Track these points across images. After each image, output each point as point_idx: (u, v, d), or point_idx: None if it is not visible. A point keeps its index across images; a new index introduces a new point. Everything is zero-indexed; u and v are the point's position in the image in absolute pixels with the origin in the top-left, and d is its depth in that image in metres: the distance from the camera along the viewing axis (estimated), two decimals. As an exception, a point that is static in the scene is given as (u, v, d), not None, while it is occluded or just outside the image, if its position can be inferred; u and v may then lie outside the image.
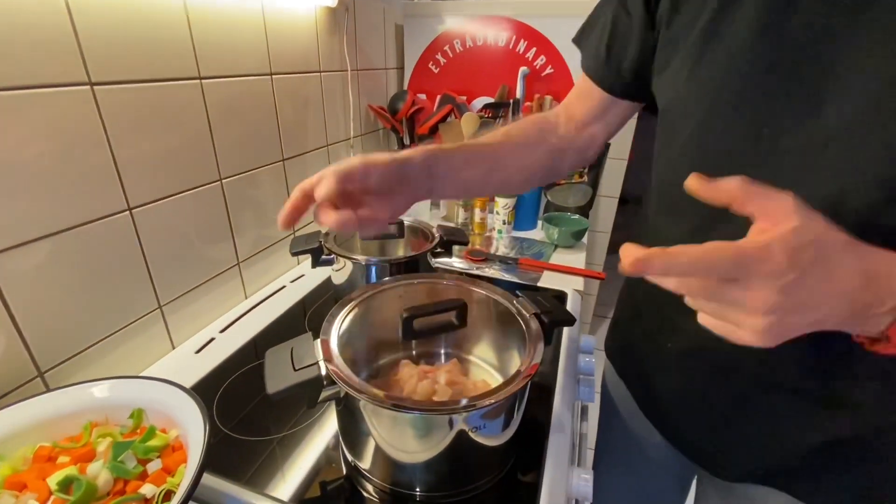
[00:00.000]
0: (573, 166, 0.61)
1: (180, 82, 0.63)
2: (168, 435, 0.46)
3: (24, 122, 0.46)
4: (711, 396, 0.48)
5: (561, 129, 0.58)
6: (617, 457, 0.72)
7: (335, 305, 0.54)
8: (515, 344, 0.57)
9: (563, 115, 0.59)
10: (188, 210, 0.68)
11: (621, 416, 0.68)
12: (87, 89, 0.52)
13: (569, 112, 0.59)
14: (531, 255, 1.06)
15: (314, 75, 0.92)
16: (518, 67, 1.13)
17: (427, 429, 0.45)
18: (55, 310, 0.53)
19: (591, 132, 0.58)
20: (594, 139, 0.59)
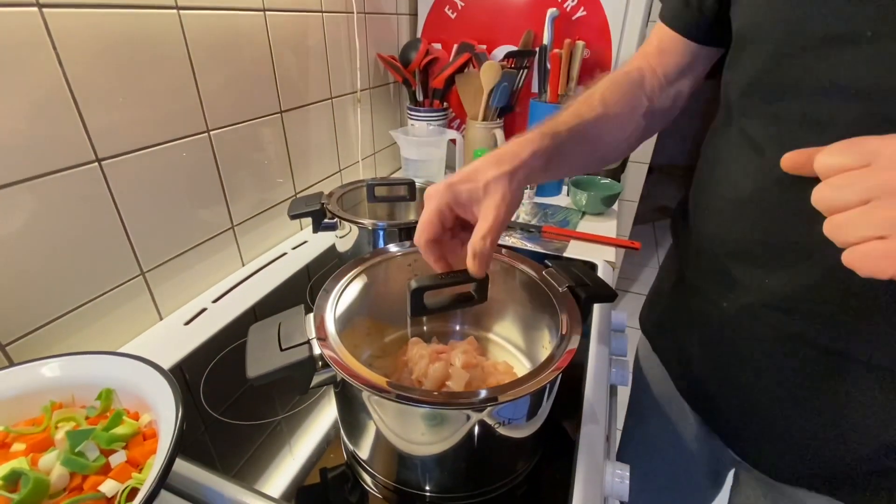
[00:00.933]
0: (661, 128, 0.53)
1: (152, 10, 0.53)
2: (139, 421, 0.40)
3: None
4: (768, 372, 0.41)
5: (648, 87, 0.49)
6: (646, 443, 0.66)
7: (332, 275, 0.46)
8: (544, 321, 0.49)
9: (648, 70, 0.50)
10: (170, 165, 0.60)
11: (654, 397, 0.61)
12: (35, 10, 0.43)
13: (652, 67, 0.50)
14: (556, 222, 0.96)
15: (315, 15, 0.81)
16: (545, 10, 1.00)
17: (439, 422, 0.37)
18: (15, 274, 0.46)
19: (677, 88, 0.50)
20: (680, 95, 0.51)
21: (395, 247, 0.53)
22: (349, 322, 0.45)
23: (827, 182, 0.24)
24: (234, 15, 0.64)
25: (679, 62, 0.49)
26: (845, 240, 0.23)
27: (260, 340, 0.38)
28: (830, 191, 0.24)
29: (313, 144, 0.87)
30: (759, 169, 0.37)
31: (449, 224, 0.38)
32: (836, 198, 0.23)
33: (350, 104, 0.97)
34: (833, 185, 0.24)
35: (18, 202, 0.45)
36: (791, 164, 0.27)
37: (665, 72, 0.50)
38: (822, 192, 0.24)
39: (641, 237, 2.73)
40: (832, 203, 0.24)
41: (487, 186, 0.36)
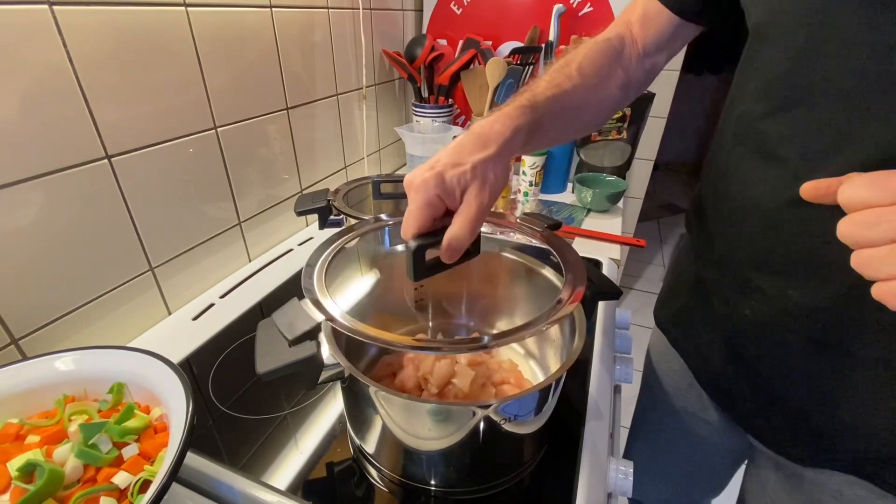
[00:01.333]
0: (633, 99, 0.52)
1: (160, 7, 0.54)
2: (150, 414, 0.40)
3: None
4: (795, 372, 0.41)
5: (625, 59, 0.48)
6: (662, 433, 0.66)
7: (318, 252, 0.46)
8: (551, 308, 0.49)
9: (628, 39, 0.49)
10: (179, 161, 0.60)
11: (667, 390, 0.62)
12: (46, 8, 0.43)
13: (633, 37, 0.49)
14: (561, 219, 0.96)
15: (321, 11, 0.81)
16: (551, 5, 0.99)
17: (446, 418, 0.38)
18: (28, 269, 0.47)
19: (654, 61, 0.50)
20: (654, 69, 0.51)
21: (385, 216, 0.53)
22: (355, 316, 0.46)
23: (853, 219, 0.24)
24: (241, 12, 0.65)
25: (660, 35, 0.48)
26: (874, 275, 0.23)
27: (268, 336, 0.39)
28: (858, 228, 0.24)
29: (319, 141, 0.88)
30: (781, 181, 0.36)
31: (439, 214, 0.35)
32: (864, 235, 0.23)
33: (355, 100, 0.97)
34: (860, 222, 0.24)
35: (30, 199, 0.45)
36: (811, 194, 0.27)
37: (645, 43, 0.49)
38: (848, 228, 0.24)
39: (646, 234, 2.72)
40: (859, 240, 0.24)
41: (475, 170, 0.34)
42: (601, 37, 0.49)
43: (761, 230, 0.39)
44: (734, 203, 0.42)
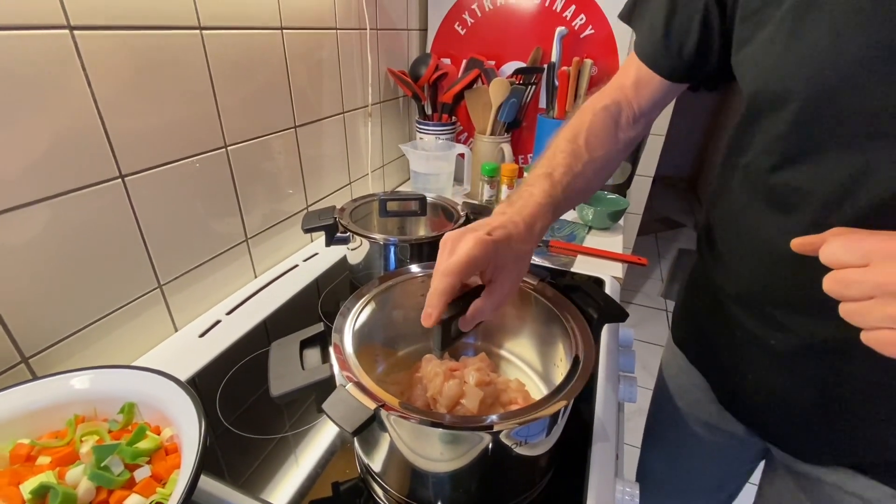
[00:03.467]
0: (630, 146, 0.54)
1: (176, 31, 0.55)
2: (161, 435, 0.40)
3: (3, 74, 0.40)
4: (818, 396, 0.42)
5: (623, 122, 0.51)
6: (679, 449, 0.67)
7: (350, 297, 0.47)
8: (556, 339, 0.50)
9: (624, 104, 0.52)
10: (190, 180, 0.61)
11: (686, 405, 0.63)
12: (66, 33, 0.44)
13: (628, 100, 0.52)
14: (563, 237, 0.97)
15: (329, 32, 0.83)
16: (554, 28, 1.02)
17: (456, 441, 0.38)
18: (40, 288, 0.47)
19: (648, 118, 0.53)
20: (649, 124, 0.54)
21: (415, 267, 0.54)
22: (367, 337, 0.46)
23: (834, 277, 0.28)
24: (253, 34, 0.66)
25: (654, 97, 0.51)
26: (859, 326, 0.27)
27: (282, 358, 0.39)
28: (838, 286, 0.28)
29: (325, 158, 0.89)
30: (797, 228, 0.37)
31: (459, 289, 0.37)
32: (844, 292, 0.28)
33: (361, 118, 0.98)
34: (839, 281, 0.28)
35: (44, 218, 0.46)
36: (799, 250, 0.31)
37: (640, 105, 0.52)
38: (830, 285, 0.28)
39: (644, 248, 2.74)
40: (841, 295, 0.28)
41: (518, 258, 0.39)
42: (598, 105, 0.51)
43: (780, 272, 0.41)
44: (750, 246, 0.44)
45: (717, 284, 0.51)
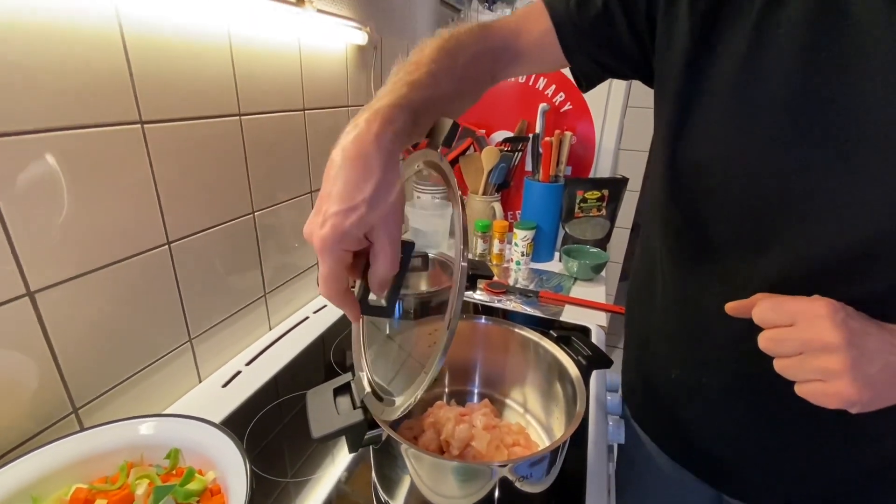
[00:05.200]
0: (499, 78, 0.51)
1: (222, 119, 0.65)
2: (206, 477, 0.45)
3: (73, 160, 0.47)
4: (751, 430, 0.48)
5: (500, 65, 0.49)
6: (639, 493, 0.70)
7: (368, 349, 0.54)
8: (552, 386, 0.57)
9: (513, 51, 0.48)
10: (222, 242, 0.68)
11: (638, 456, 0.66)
12: (139, 128, 0.53)
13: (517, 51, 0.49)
14: (551, 287, 1.06)
15: (342, 110, 0.94)
16: (538, 103, 1.16)
17: (470, 478, 0.44)
18: (93, 345, 0.52)
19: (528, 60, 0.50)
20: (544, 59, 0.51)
21: (425, 319, 0.61)
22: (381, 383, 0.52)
23: (767, 335, 0.34)
24: (282, 116, 0.76)
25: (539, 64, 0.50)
26: (792, 378, 0.33)
27: (318, 404, 0.45)
28: (771, 344, 0.34)
29: (334, 217, 0.97)
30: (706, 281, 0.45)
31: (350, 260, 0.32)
32: (777, 349, 0.33)
33: (366, 180, 1.08)
34: (771, 339, 0.34)
35: (106, 282, 0.52)
36: (734, 311, 0.37)
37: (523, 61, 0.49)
38: (764, 343, 0.34)
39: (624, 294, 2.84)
40: (775, 352, 0.34)
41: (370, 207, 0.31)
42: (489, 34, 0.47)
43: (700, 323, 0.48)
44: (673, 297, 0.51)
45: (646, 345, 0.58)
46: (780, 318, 0.34)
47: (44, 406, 0.49)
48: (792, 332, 0.33)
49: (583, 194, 1.14)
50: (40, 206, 0.45)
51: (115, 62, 0.49)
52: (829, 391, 0.32)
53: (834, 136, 0.35)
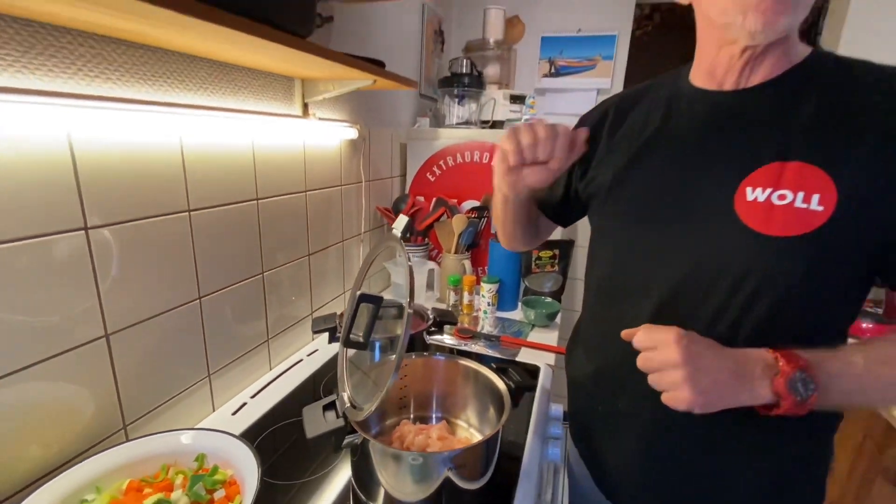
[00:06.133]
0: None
1: (245, 203, 0.86)
2: (226, 473, 0.61)
3: (143, 244, 0.67)
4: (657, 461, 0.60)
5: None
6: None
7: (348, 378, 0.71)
8: (492, 408, 0.74)
9: None
10: (239, 297, 0.87)
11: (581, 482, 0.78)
12: (186, 215, 0.74)
13: None
14: (511, 333, 1.24)
15: (336, 188, 1.17)
16: (499, 179, 1.40)
17: (422, 471, 0.60)
18: (141, 377, 0.69)
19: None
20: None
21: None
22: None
23: (641, 357, 0.49)
24: (289, 197, 0.98)
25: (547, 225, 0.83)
26: (659, 389, 0.48)
27: (311, 415, 0.62)
28: (643, 362, 0.49)
29: (328, 274, 1.17)
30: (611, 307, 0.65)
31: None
32: (646, 366, 0.49)
33: (355, 243, 1.29)
34: (643, 358, 0.49)
35: (155, 329, 0.70)
36: (626, 337, 0.52)
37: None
38: (640, 362, 0.49)
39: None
40: (645, 368, 0.49)
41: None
42: None
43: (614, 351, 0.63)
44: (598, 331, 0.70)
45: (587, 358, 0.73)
46: (648, 343, 0.49)
47: (105, 421, 0.65)
48: (655, 354, 0.48)
49: (538, 253, 1.35)
50: (122, 276, 0.64)
51: (176, 170, 0.71)
52: (676, 397, 0.46)
53: (690, 197, 0.56)
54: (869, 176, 0.47)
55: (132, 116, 0.62)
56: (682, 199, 0.56)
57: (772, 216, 0.50)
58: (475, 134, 1.47)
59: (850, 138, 0.48)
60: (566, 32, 1.80)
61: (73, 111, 0.54)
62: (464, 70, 1.47)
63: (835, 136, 0.49)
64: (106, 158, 0.60)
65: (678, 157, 0.57)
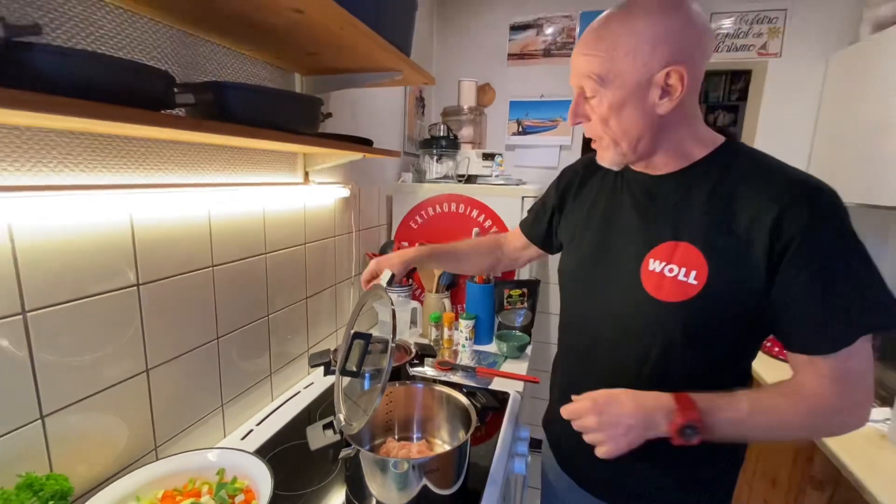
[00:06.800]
0: (508, 269, 1.07)
1: (255, 258, 1.03)
2: (244, 482, 0.74)
3: (178, 294, 0.83)
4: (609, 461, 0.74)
5: (504, 249, 1.05)
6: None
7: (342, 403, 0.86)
8: (461, 427, 0.89)
9: (506, 242, 1.06)
10: (248, 336, 1.02)
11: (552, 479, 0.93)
12: (210, 270, 0.90)
13: (509, 241, 1.05)
14: (486, 364, 1.40)
15: (331, 239, 1.34)
16: (473, 227, 1.60)
17: (404, 478, 0.74)
18: (169, 406, 0.83)
19: (520, 255, 1.04)
20: (520, 258, 1.05)
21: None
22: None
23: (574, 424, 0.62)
24: (293, 250, 1.15)
25: (521, 244, 1.01)
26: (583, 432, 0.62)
27: (314, 433, 0.77)
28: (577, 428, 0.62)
29: (321, 314, 1.32)
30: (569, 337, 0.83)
31: None
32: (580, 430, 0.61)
33: (346, 286, 1.46)
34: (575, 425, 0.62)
35: (181, 368, 0.85)
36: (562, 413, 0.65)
37: (514, 245, 1.02)
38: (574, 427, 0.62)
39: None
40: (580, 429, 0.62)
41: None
42: (496, 238, 1.06)
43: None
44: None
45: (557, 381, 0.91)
46: (573, 416, 0.63)
47: (141, 444, 0.78)
48: (580, 423, 0.62)
49: (509, 292, 1.54)
50: (160, 321, 0.80)
51: (204, 235, 0.88)
52: (600, 451, 0.61)
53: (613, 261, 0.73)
54: (734, 262, 0.60)
55: (175, 196, 0.79)
56: (609, 262, 0.73)
57: (662, 284, 0.64)
58: (453, 188, 1.68)
59: (726, 227, 0.60)
60: (531, 97, 2.07)
61: (135, 196, 0.72)
62: (441, 134, 1.70)
63: (716, 224, 0.61)
64: (156, 229, 0.77)
65: (613, 225, 0.75)
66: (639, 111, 0.62)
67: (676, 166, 0.67)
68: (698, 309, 0.62)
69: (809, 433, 0.66)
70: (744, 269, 0.59)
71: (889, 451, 1.07)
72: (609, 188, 0.78)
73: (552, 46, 2.05)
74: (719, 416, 0.59)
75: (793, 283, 0.57)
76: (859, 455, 1.04)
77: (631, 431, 0.59)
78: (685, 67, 0.59)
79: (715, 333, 0.64)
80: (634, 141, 0.64)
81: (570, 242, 0.83)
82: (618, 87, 0.61)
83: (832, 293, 0.56)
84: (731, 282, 0.60)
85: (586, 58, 0.63)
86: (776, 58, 1.81)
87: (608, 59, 0.61)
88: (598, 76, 0.62)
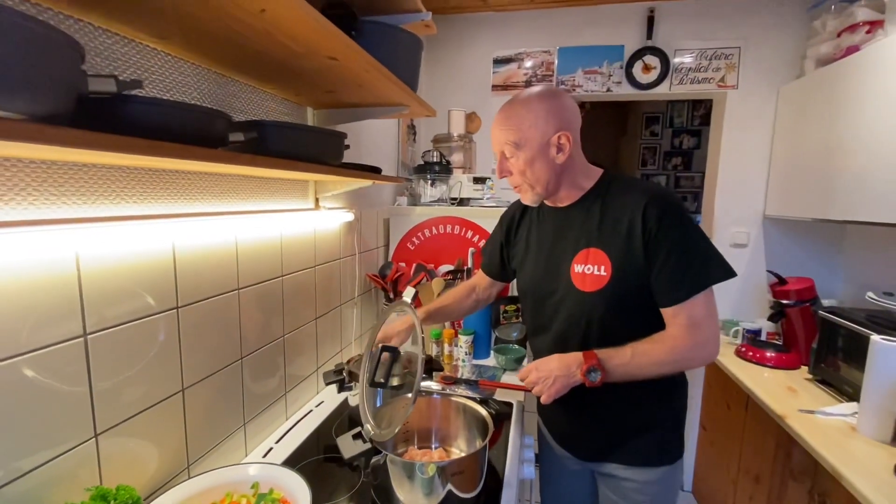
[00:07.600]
0: (486, 304, 1.20)
1: (273, 280, 1.08)
2: (279, 493, 0.78)
3: (208, 317, 0.88)
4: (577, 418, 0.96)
5: (477, 290, 1.17)
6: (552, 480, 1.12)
7: (368, 413, 0.91)
8: (474, 434, 0.95)
9: (477, 284, 1.18)
10: (264, 359, 1.06)
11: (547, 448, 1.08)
12: (236, 293, 0.95)
13: (478, 283, 1.17)
14: (487, 377, 1.46)
15: (337, 261, 1.40)
16: (468, 247, 1.69)
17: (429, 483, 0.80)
18: (199, 425, 0.86)
19: (489, 292, 1.17)
20: (491, 294, 1.19)
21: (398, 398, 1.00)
22: (379, 437, 0.89)
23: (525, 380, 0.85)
24: (305, 272, 1.21)
25: (487, 282, 1.16)
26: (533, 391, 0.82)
27: (345, 443, 0.82)
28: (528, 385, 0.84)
29: (328, 334, 1.37)
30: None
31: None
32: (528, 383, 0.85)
33: (349, 306, 1.51)
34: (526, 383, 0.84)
35: (211, 387, 0.88)
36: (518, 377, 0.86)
37: (482, 286, 1.17)
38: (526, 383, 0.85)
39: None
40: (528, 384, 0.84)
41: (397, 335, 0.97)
42: (470, 283, 1.17)
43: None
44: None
45: None
46: (523, 376, 0.84)
47: (174, 462, 0.81)
48: (528, 379, 0.86)
49: (504, 307, 1.62)
50: (194, 342, 0.84)
51: (231, 260, 0.93)
52: (543, 399, 0.84)
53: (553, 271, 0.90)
54: (625, 253, 0.84)
55: (210, 224, 0.85)
56: (550, 273, 0.94)
57: (585, 280, 0.88)
58: (446, 210, 1.77)
59: (615, 233, 0.85)
60: (515, 124, 2.20)
61: (177, 224, 0.77)
62: (434, 159, 1.80)
63: (609, 232, 0.86)
64: (192, 254, 0.82)
65: (545, 247, 0.97)
66: (545, 163, 0.87)
67: (575, 197, 0.92)
68: (610, 291, 0.85)
69: (674, 367, 0.86)
70: (631, 256, 0.84)
71: (859, 440, 1.20)
72: (536, 220, 1.01)
73: (533, 78, 2.21)
74: (611, 362, 0.82)
75: (655, 258, 0.82)
76: (834, 446, 1.16)
77: (557, 381, 0.83)
78: (569, 131, 0.85)
79: (626, 306, 0.87)
80: (545, 184, 0.89)
81: (520, 267, 1.03)
82: (528, 148, 0.86)
83: (680, 261, 0.81)
84: (626, 267, 0.84)
85: (503, 131, 0.88)
86: (734, 89, 2.02)
87: (518, 130, 0.86)
88: (514, 143, 0.87)
